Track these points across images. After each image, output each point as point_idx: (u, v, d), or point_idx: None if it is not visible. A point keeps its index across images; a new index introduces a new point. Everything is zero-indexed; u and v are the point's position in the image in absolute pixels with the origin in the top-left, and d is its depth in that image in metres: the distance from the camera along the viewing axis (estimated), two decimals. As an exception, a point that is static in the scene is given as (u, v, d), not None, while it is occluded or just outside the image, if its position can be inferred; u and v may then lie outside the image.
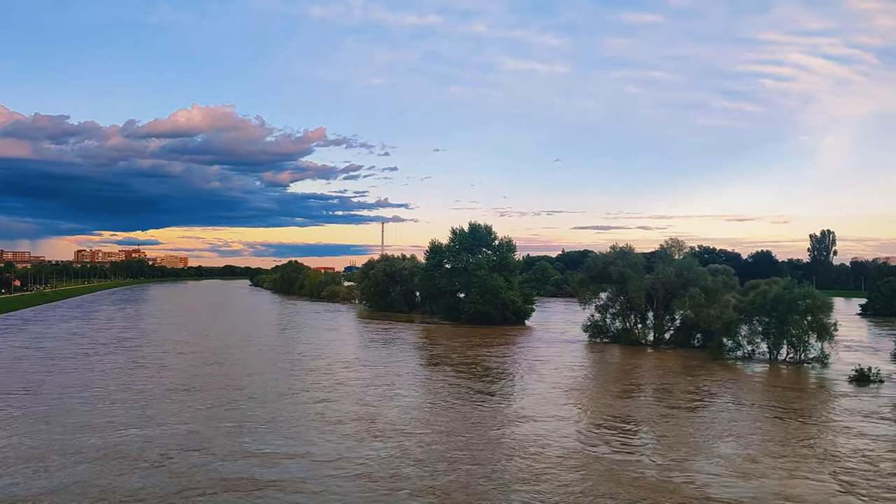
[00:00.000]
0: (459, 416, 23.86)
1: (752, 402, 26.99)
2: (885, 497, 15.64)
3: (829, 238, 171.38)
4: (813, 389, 30.61)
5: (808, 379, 33.15)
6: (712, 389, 29.50)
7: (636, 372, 35.11)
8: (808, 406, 26.29)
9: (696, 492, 15.77)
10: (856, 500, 15.42)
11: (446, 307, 67.55)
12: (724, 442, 20.62)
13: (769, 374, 34.50)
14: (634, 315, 47.52)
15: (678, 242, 48.12)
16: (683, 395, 28.35)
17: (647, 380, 32.83)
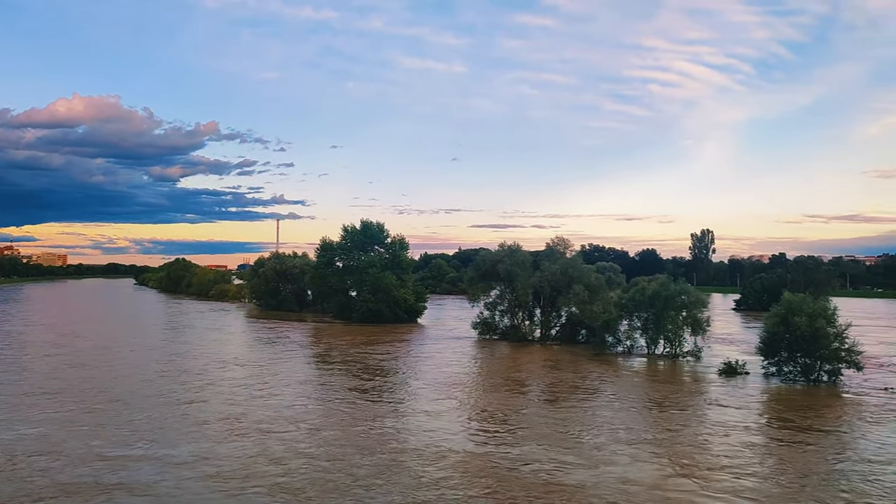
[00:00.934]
0: (329, 413, 23.35)
1: (625, 394, 27.67)
2: (714, 477, 16.43)
3: (708, 237, 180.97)
4: (683, 382, 31.78)
5: (681, 372, 34.44)
6: (589, 383, 30.07)
7: (518, 367, 35.43)
8: (676, 397, 27.16)
9: (539, 479, 16.08)
10: (687, 481, 16.09)
11: (338, 306, 66.44)
12: (585, 432, 21.04)
13: (645, 368, 35.66)
14: (522, 312, 48.13)
15: (564, 241, 49.23)
16: (560, 388, 28.81)
17: (527, 375, 33.16)
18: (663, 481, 16.09)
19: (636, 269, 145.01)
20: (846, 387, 29.30)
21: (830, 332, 30.30)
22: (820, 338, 29.99)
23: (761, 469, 17.20)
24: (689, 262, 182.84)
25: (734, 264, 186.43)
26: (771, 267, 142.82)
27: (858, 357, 30.28)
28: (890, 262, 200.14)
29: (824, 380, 30.29)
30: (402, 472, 16.46)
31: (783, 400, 27.06)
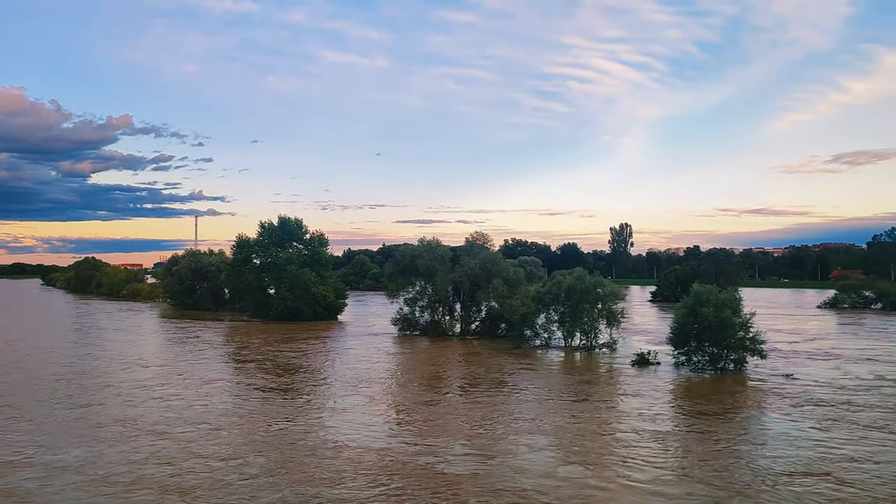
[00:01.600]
0: (230, 412, 22.47)
1: (537, 386, 27.63)
2: (606, 463, 16.67)
3: (626, 231, 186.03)
4: (596, 373, 32.10)
5: (596, 363, 34.86)
6: (503, 376, 29.99)
7: (434, 362, 35.17)
8: (587, 388, 27.28)
9: (433, 470, 15.96)
10: (580, 468, 16.23)
11: (256, 304, 64.76)
12: (490, 424, 20.88)
13: (561, 360, 35.97)
14: (442, 307, 47.95)
15: (483, 236, 49.30)
16: (472, 382, 28.59)
17: (442, 369, 32.90)
18: (556, 469, 16.19)
19: (558, 263, 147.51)
20: (751, 374, 30.20)
21: (736, 322, 31.23)
22: (726, 327, 30.86)
23: (655, 454, 17.43)
24: (609, 256, 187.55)
25: (651, 257, 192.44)
26: (686, 259, 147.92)
27: (762, 346, 31.32)
28: (795, 254, 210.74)
29: (730, 368, 31.17)
30: (294, 469, 16.03)
31: (690, 388, 27.65)
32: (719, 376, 30.08)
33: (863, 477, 15.37)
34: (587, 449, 17.94)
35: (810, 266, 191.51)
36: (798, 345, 41.70)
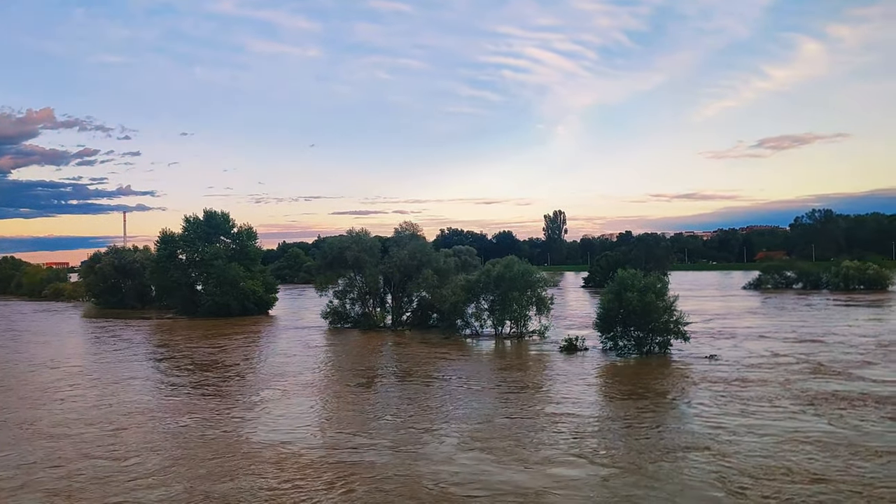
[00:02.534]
0: (134, 412, 21.57)
1: (463, 375, 27.33)
2: (505, 448, 16.60)
3: (560, 218, 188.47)
4: (524, 360, 32.06)
5: (525, 351, 34.88)
6: (431, 367, 29.60)
7: (360, 354, 34.51)
8: (512, 375, 27.15)
9: (331, 460, 15.75)
10: (484, 455, 16.08)
11: (182, 301, 62.74)
12: (403, 414, 20.66)
13: (490, 349, 35.86)
14: (373, 299, 47.33)
15: (413, 225, 48.82)
16: (398, 373, 28.13)
17: (368, 361, 32.21)
18: (456, 455, 16.07)
19: (494, 252, 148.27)
20: (675, 357, 30.66)
21: (660, 306, 31.66)
22: (650, 311, 31.26)
23: (562, 437, 17.46)
24: (544, 243, 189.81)
25: (586, 243, 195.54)
26: (618, 245, 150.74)
27: (685, 328, 31.81)
28: (723, 237, 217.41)
29: (655, 351, 31.60)
30: (189, 465, 15.50)
31: (613, 373, 27.84)
32: (645, 360, 30.42)
33: (739, 449, 15.92)
34: (494, 435, 17.87)
35: (737, 248, 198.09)
36: (721, 326, 42.74)
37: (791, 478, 13.83)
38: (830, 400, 21.10)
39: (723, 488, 13.32)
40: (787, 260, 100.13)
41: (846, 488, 13.16)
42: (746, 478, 13.87)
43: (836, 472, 14.10)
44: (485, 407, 21.42)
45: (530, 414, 20.38)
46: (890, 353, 29.95)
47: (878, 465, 14.60)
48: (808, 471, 14.21)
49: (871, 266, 77.70)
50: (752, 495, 12.90)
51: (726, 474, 14.12)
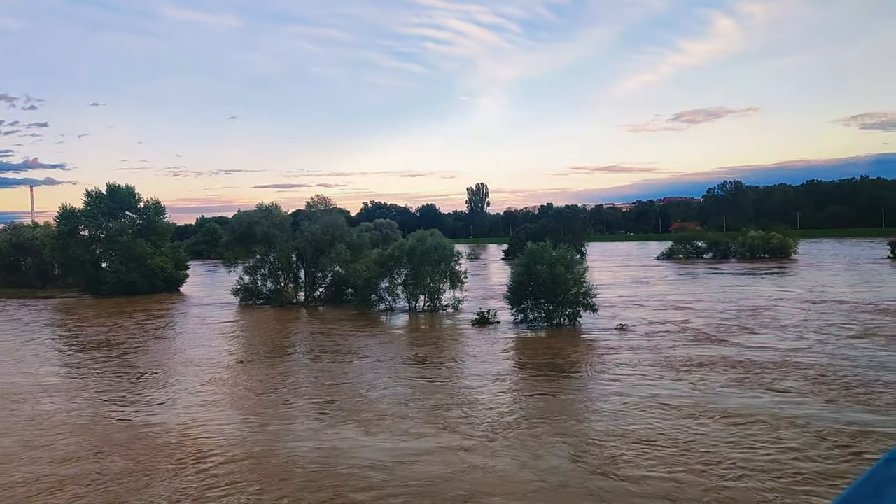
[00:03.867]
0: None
1: (368, 351, 26.70)
2: (373, 421, 16.21)
3: (483, 191, 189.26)
4: (434, 335, 31.74)
5: (437, 325, 34.63)
6: (340, 342, 28.91)
7: (269, 332, 33.46)
8: (416, 350, 26.74)
9: (182, 440, 15.37)
10: (349, 429, 16.01)
11: (86, 279, 59.70)
12: (286, 393, 20.02)
13: (403, 324, 35.46)
14: (285, 275, 46.14)
15: (325, 199, 47.70)
16: (304, 349, 27.30)
17: (276, 338, 31.18)
18: (322, 431, 15.87)
19: (418, 224, 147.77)
20: (585, 328, 30.95)
21: (569, 278, 31.83)
22: (559, 283, 31.40)
23: (444, 411, 17.31)
24: (468, 216, 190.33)
25: (509, 216, 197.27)
26: (539, 217, 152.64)
27: (594, 300, 32.12)
28: (641, 208, 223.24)
29: (566, 323, 31.82)
30: (33, 449, 14.91)
31: (520, 345, 27.84)
32: (554, 332, 30.56)
33: (599, 416, 16.29)
34: (365, 408, 17.77)
35: (654, 220, 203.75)
36: (633, 296, 43.57)
37: (624, 440, 14.49)
38: (699, 365, 21.93)
39: (565, 456, 13.73)
40: (698, 230, 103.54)
41: (670, 450, 13.77)
42: (590, 444, 14.37)
43: (661, 434, 14.80)
44: (379, 382, 20.97)
45: (421, 388, 20.19)
46: (774, 322, 31.06)
47: (713, 427, 15.23)
48: (642, 433, 14.85)
49: (776, 235, 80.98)
50: (590, 459, 13.39)
51: (574, 442, 14.60)
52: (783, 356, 22.94)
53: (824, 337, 26.56)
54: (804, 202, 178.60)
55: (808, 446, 13.74)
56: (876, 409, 16.38)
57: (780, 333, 27.71)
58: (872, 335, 26.54)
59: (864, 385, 18.67)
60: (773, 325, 29.99)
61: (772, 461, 12.97)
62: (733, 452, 13.50)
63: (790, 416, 15.93)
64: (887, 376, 19.56)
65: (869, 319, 30.64)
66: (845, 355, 22.83)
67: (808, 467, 12.64)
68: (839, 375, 19.94)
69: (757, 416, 15.96)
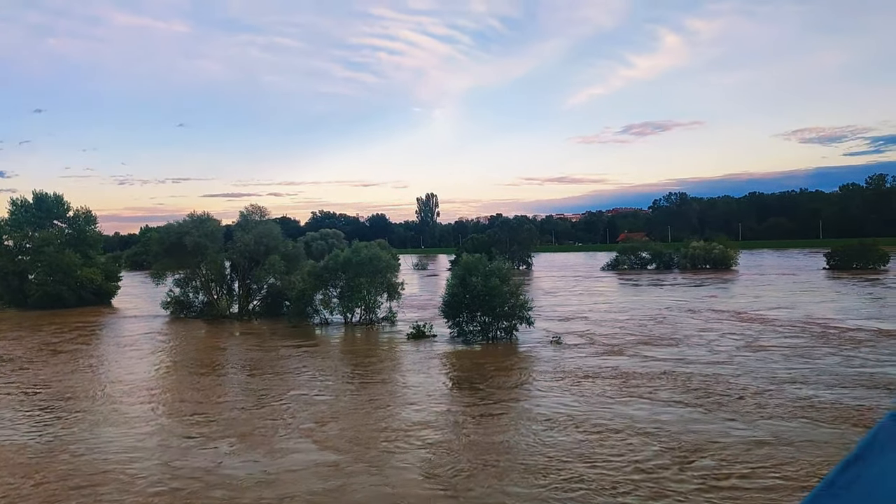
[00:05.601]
0: None
1: (291, 365, 25.66)
2: (258, 438, 15.27)
3: (433, 201, 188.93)
4: (368, 349, 30.76)
5: (372, 339, 33.67)
6: (269, 357, 27.75)
7: (197, 347, 32.09)
8: (344, 366, 25.86)
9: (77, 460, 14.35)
10: (238, 446, 14.96)
11: (10, 291, 56.92)
12: (197, 408, 18.90)
13: (336, 337, 34.40)
14: (218, 287, 44.61)
15: (260, 209, 46.19)
16: (226, 364, 26.17)
17: (202, 353, 29.79)
18: (199, 448, 15.32)
19: (368, 235, 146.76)
20: (521, 342, 30.38)
21: (505, 290, 31.24)
22: (495, 296, 30.77)
23: (349, 426, 16.40)
24: (418, 225, 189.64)
25: (459, 226, 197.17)
26: (489, 227, 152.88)
27: (530, 312, 31.59)
28: (589, 219, 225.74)
29: (502, 337, 31.20)
30: None
31: (451, 359, 27.08)
32: (490, 346, 29.93)
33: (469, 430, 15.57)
34: (249, 423, 17.40)
35: (602, 230, 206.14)
36: (572, 307, 43.31)
37: (477, 451, 14.68)
38: (605, 378, 22.07)
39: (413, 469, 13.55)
40: (643, 241, 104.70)
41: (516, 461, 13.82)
42: (442, 451, 14.57)
43: (515, 446, 15.05)
44: (298, 398, 19.98)
45: (323, 402, 19.50)
46: (693, 335, 31.03)
47: (574, 438, 15.47)
48: (502, 446, 15.17)
49: (717, 246, 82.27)
50: (441, 472, 12.65)
51: (429, 457, 14.51)
52: (697, 368, 22.73)
53: (730, 349, 26.78)
54: (746, 214, 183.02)
55: (650, 457, 13.93)
56: (742, 418, 16.76)
57: (695, 347, 27.62)
58: (773, 348, 26.65)
59: (741, 396, 18.86)
60: (692, 338, 29.93)
61: (606, 469, 13.25)
62: (574, 463, 13.67)
63: (653, 424, 16.29)
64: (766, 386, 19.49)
65: (779, 332, 30.83)
66: (750, 367, 22.83)
67: (627, 478, 12.71)
68: (720, 387, 20.22)
69: (633, 426, 16.23)
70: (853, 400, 18.20)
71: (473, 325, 31.64)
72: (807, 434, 15.29)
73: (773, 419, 16.63)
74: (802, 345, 27.37)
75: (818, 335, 29.58)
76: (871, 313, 36.26)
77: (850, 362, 23.40)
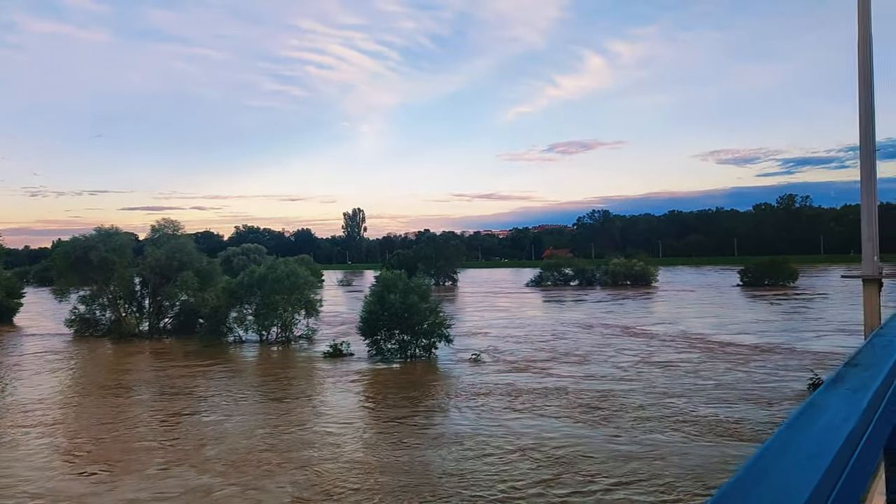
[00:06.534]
0: None
1: (190, 389, 24.50)
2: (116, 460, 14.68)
3: (359, 216, 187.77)
4: (279, 369, 29.70)
5: (287, 358, 32.69)
6: (170, 379, 26.43)
7: (97, 369, 30.39)
8: (254, 384, 24.96)
9: None
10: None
11: None
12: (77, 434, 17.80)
13: (248, 356, 33.28)
14: (127, 304, 42.57)
15: (172, 223, 44.40)
16: (118, 389, 24.74)
17: (97, 375, 28.29)
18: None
19: (293, 250, 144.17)
20: (440, 360, 29.94)
21: (423, 308, 30.77)
22: (413, 313, 30.28)
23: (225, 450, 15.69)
24: (344, 241, 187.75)
25: (386, 241, 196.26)
26: (417, 243, 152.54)
27: (449, 330, 31.21)
28: (516, 235, 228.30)
29: (420, 355, 30.66)
30: None
31: (366, 379, 26.43)
32: (408, 364, 29.37)
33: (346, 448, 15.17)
34: (135, 452, 16.47)
35: (528, 247, 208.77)
36: (494, 324, 43.22)
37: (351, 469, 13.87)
38: (500, 395, 22.13)
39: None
40: (566, 258, 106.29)
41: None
42: (322, 472, 13.52)
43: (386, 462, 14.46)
44: (190, 420, 18.96)
45: (222, 424, 18.39)
46: (599, 352, 31.39)
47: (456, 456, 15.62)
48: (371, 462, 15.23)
49: (638, 263, 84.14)
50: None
51: (316, 470, 14.47)
52: (598, 384, 22.84)
53: (628, 364, 27.40)
54: (666, 231, 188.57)
55: (523, 473, 14.20)
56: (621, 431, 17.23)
57: (600, 364, 27.87)
58: (669, 364, 27.19)
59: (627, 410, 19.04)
60: (594, 354, 30.22)
61: (478, 488, 13.42)
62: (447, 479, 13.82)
63: (536, 440, 16.60)
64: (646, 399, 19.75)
65: (676, 349, 31.51)
66: (644, 382, 23.16)
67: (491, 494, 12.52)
68: (609, 402, 20.69)
69: (516, 442, 16.49)
70: (730, 414, 18.89)
71: (392, 343, 31.05)
72: (679, 448, 15.74)
73: (653, 433, 17.09)
74: (694, 359, 28.20)
75: (711, 351, 30.34)
76: (767, 329, 37.48)
77: (735, 377, 24.19)
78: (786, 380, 23.53)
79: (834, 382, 1.72)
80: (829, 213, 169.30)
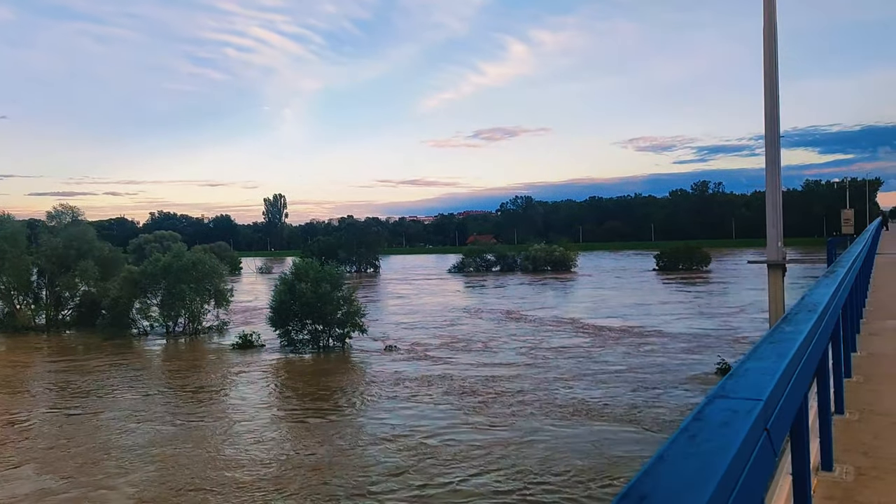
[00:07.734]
0: None
1: (92, 385, 23.24)
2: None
3: (280, 202, 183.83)
4: (187, 362, 28.52)
5: (196, 350, 31.46)
6: (57, 377, 24.89)
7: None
8: (155, 379, 23.90)
9: None
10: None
11: None
12: None
13: (153, 350, 31.85)
14: (22, 295, 40.06)
15: (72, 209, 42.08)
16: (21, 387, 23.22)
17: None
18: None
19: (212, 237, 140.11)
20: (354, 350, 29.31)
21: (337, 297, 30.01)
22: (326, 303, 29.47)
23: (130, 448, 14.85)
24: (265, 227, 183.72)
25: (309, 228, 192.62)
26: (340, 229, 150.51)
27: (364, 319, 30.56)
28: (441, 221, 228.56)
29: (333, 345, 29.92)
30: None
31: (274, 371, 25.71)
32: (320, 355, 28.61)
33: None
34: None
35: (452, 233, 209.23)
36: (412, 312, 42.79)
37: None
38: (395, 384, 22.04)
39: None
40: (489, 244, 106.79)
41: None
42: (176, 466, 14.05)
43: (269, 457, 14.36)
44: (58, 418, 17.87)
45: (89, 422, 17.92)
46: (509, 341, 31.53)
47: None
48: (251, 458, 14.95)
49: (558, 249, 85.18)
50: None
51: (169, 465, 14.44)
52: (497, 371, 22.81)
53: (529, 349, 27.88)
54: (587, 217, 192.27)
55: (380, 460, 14.52)
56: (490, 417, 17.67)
57: (504, 350, 27.99)
58: (564, 348, 27.58)
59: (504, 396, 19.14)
60: (500, 339, 30.33)
61: (333, 476, 13.48)
62: (304, 471, 12.77)
63: (409, 429, 16.74)
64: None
65: (573, 333, 31.97)
66: (535, 368, 23.30)
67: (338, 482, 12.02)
68: (495, 387, 21.06)
69: (390, 433, 16.64)
70: (614, 398, 19.36)
71: (304, 333, 30.18)
72: (555, 433, 16.04)
73: (529, 418, 17.39)
74: (587, 345, 28.78)
75: (610, 336, 30.87)
76: (676, 312, 38.44)
77: (625, 361, 24.74)
78: (688, 363, 23.99)
79: (732, 376, 1.82)
80: (739, 199, 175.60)
